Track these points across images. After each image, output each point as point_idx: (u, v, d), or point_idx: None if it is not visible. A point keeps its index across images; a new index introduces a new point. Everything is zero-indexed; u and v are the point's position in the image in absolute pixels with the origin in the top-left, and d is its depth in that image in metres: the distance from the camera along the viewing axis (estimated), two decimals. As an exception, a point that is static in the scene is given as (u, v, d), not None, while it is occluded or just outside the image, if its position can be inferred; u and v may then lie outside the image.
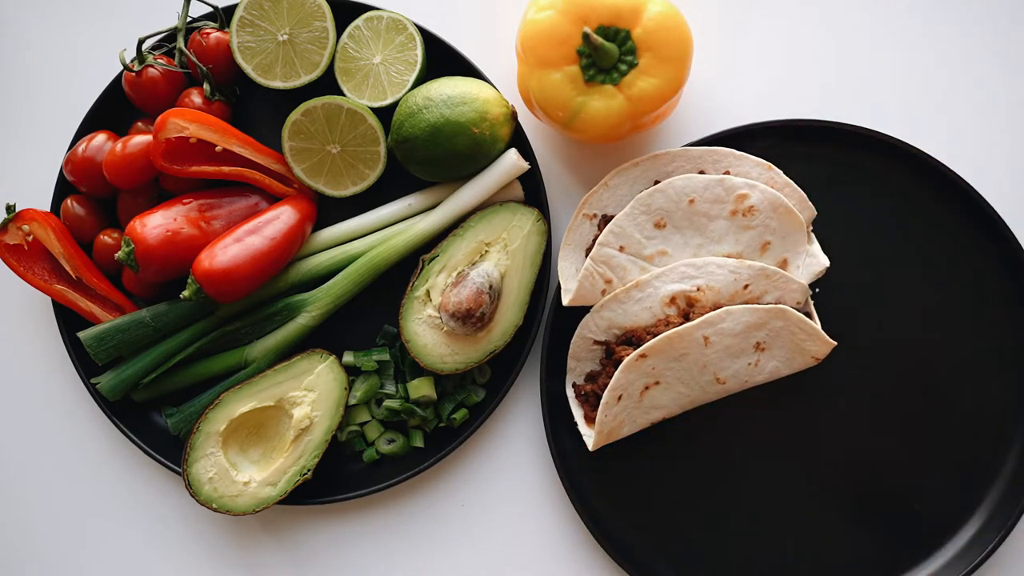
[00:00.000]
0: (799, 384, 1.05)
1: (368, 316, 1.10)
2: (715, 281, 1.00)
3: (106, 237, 1.08)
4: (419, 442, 1.08)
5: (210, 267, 1.00)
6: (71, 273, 1.06)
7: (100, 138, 1.07)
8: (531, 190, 1.08)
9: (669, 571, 1.05)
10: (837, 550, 1.04)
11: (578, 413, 1.03)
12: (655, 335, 0.99)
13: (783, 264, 1.03)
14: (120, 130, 1.10)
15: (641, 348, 0.96)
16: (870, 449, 1.05)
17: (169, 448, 1.09)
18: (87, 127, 1.09)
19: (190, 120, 1.02)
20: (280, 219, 1.05)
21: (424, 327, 1.04)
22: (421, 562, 1.10)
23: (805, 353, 1.01)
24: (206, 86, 1.06)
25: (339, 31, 1.06)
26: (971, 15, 1.11)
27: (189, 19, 1.09)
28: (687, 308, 1.01)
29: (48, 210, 1.11)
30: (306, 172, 1.07)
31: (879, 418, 1.05)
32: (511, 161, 1.04)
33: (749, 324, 0.98)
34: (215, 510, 1.03)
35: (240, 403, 1.03)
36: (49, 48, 1.16)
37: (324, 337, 1.10)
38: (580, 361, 1.05)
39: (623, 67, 0.97)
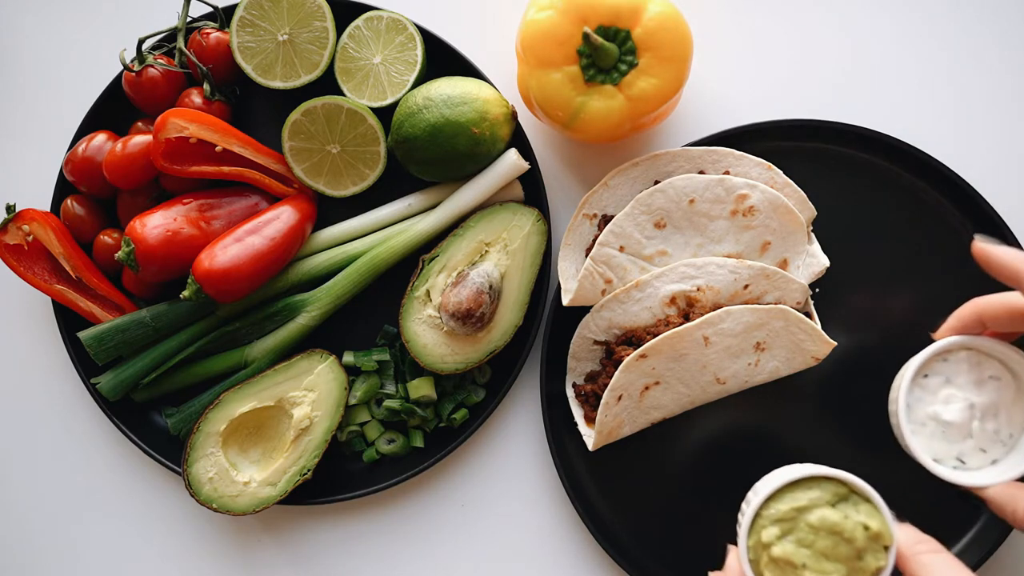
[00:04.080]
0: (799, 384, 1.05)
1: (368, 316, 1.10)
2: (715, 281, 1.00)
3: (106, 237, 1.08)
4: (419, 442, 1.08)
5: (210, 267, 1.00)
6: (71, 273, 1.06)
7: (100, 138, 1.07)
8: (531, 190, 1.08)
9: (669, 571, 1.05)
10: None
11: (578, 413, 1.03)
12: (655, 335, 0.99)
13: (783, 264, 1.03)
14: (120, 130, 1.10)
15: (641, 348, 0.96)
16: (871, 449, 1.05)
17: (169, 448, 1.09)
18: (87, 127, 1.09)
19: (190, 120, 1.03)
20: (280, 219, 1.05)
21: (424, 327, 1.04)
22: (421, 562, 1.10)
23: (805, 353, 1.01)
24: (206, 86, 1.06)
25: (339, 31, 1.06)
26: (972, 14, 1.11)
27: (189, 19, 1.09)
28: (687, 308, 1.01)
29: (48, 210, 1.11)
30: (306, 172, 1.07)
31: (879, 417, 1.05)
32: (511, 161, 1.04)
33: (749, 324, 0.98)
34: (215, 510, 1.03)
35: (240, 403, 1.04)
36: (49, 48, 1.16)
37: (324, 337, 1.10)
38: (580, 361, 1.05)
39: (623, 67, 0.97)
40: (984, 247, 0.83)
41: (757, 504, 0.85)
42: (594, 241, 1.04)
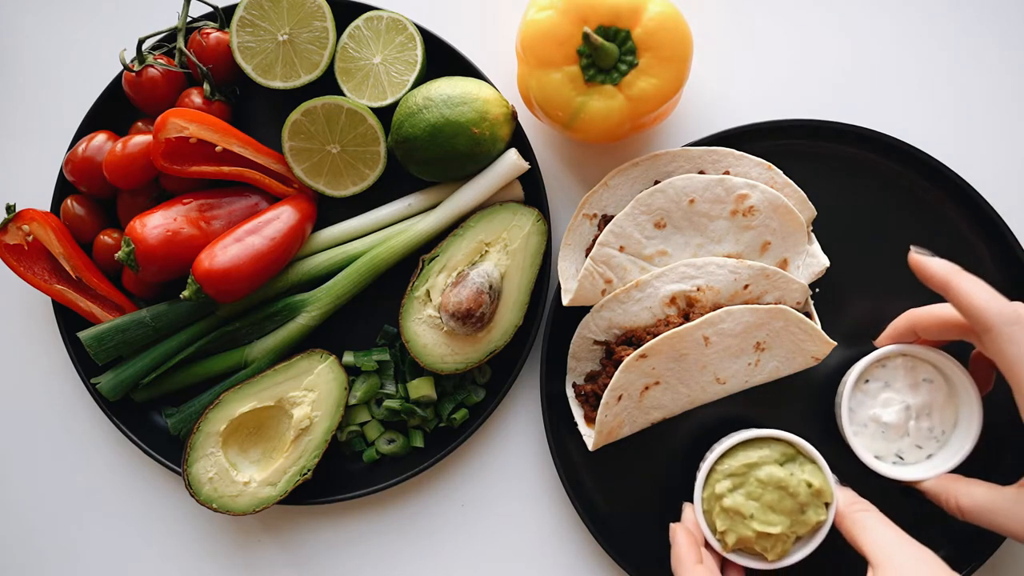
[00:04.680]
0: (799, 384, 1.05)
1: (368, 316, 1.10)
2: (715, 281, 1.00)
3: (106, 237, 1.08)
4: (419, 442, 1.08)
5: (210, 267, 1.00)
6: (71, 273, 1.06)
7: (100, 138, 1.07)
8: (531, 190, 1.08)
9: (669, 571, 1.05)
10: (838, 550, 1.04)
11: (578, 413, 1.03)
12: (655, 335, 0.99)
13: (783, 264, 1.03)
14: (120, 130, 1.10)
15: (641, 348, 0.96)
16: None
17: (169, 448, 1.09)
18: (87, 127, 1.09)
19: (190, 120, 1.03)
20: (280, 219, 1.05)
21: (424, 327, 1.04)
22: (421, 562, 1.10)
23: (805, 353, 1.01)
24: (206, 86, 1.06)
25: (339, 31, 1.06)
26: (971, 14, 1.11)
27: (189, 19, 1.09)
28: (687, 308, 1.01)
29: (48, 210, 1.11)
30: (306, 172, 1.07)
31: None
32: (511, 161, 1.04)
33: (749, 324, 0.98)
34: (215, 510, 1.03)
35: (240, 403, 1.04)
36: (49, 48, 1.16)
37: (324, 337, 1.10)
38: (580, 361, 1.05)
39: (623, 67, 0.97)
40: (918, 258, 0.91)
41: (712, 460, 0.95)
42: (594, 241, 1.04)
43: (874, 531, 0.89)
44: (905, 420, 0.97)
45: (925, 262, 0.90)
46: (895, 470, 0.97)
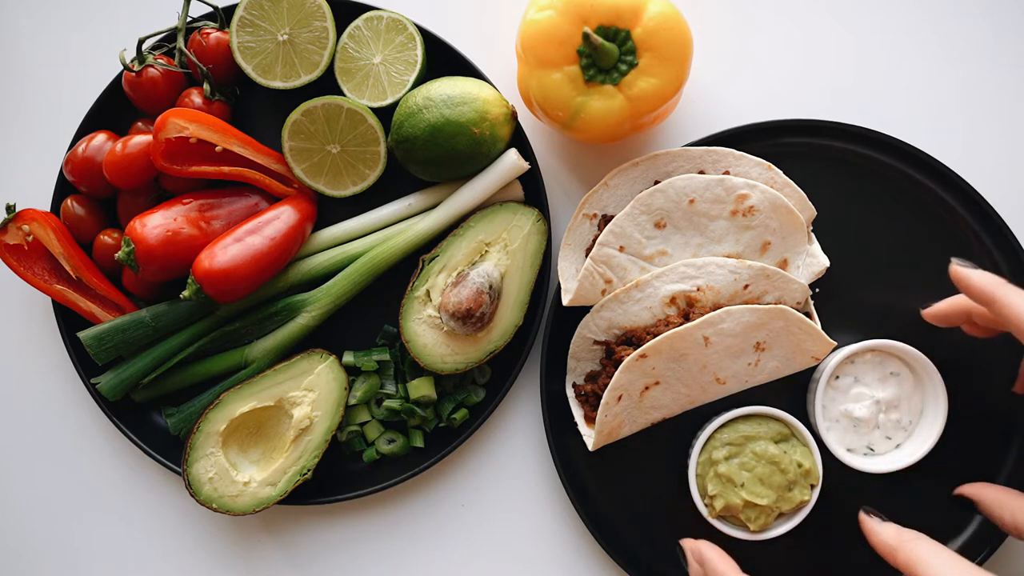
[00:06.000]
0: (800, 384, 1.05)
1: (368, 316, 1.10)
2: (715, 281, 1.00)
3: (106, 237, 1.08)
4: (419, 442, 1.08)
5: (210, 267, 1.00)
6: (71, 273, 1.06)
7: (100, 138, 1.07)
8: (531, 190, 1.08)
9: (669, 571, 1.05)
10: (838, 550, 1.04)
11: (578, 413, 1.03)
12: (655, 335, 0.99)
13: (783, 264, 1.03)
14: (120, 130, 1.10)
15: (641, 348, 0.96)
16: (870, 449, 1.05)
17: (169, 448, 1.09)
18: (87, 127, 1.09)
19: (190, 120, 1.03)
20: (280, 219, 1.05)
21: (424, 327, 1.04)
22: (421, 562, 1.10)
23: (805, 353, 1.01)
24: (206, 86, 1.06)
25: (339, 31, 1.06)
26: (972, 15, 1.11)
27: (189, 19, 1.09)
28: (687, 308, 1.01)
29: (48, 210, 1.11)
30: (306, 172, 1.07)
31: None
32: (511, 161, 1.04)
33: (749, 324, 0.98)
34: (215, 510, 1.03)
35: (240, 403, 1.04)
36: (49, 48, 1.16)
37: (324, 337, 1.10)
38: (580, 361, 1.05)
39: (623, 67, 0.97)
40: (961, 271, 0.90)
41: (712, 428, 0.99)
42: (594, 241, 1.04)
43: (932, 560, 0.85)
44: (875, 414, 1.01)
45: (968, 275, 0.89)
46: (866, 462, 1.00)
